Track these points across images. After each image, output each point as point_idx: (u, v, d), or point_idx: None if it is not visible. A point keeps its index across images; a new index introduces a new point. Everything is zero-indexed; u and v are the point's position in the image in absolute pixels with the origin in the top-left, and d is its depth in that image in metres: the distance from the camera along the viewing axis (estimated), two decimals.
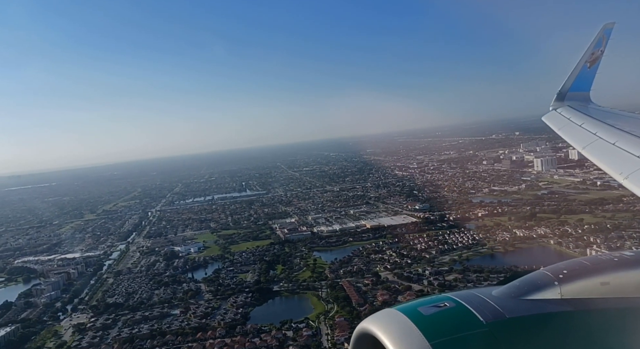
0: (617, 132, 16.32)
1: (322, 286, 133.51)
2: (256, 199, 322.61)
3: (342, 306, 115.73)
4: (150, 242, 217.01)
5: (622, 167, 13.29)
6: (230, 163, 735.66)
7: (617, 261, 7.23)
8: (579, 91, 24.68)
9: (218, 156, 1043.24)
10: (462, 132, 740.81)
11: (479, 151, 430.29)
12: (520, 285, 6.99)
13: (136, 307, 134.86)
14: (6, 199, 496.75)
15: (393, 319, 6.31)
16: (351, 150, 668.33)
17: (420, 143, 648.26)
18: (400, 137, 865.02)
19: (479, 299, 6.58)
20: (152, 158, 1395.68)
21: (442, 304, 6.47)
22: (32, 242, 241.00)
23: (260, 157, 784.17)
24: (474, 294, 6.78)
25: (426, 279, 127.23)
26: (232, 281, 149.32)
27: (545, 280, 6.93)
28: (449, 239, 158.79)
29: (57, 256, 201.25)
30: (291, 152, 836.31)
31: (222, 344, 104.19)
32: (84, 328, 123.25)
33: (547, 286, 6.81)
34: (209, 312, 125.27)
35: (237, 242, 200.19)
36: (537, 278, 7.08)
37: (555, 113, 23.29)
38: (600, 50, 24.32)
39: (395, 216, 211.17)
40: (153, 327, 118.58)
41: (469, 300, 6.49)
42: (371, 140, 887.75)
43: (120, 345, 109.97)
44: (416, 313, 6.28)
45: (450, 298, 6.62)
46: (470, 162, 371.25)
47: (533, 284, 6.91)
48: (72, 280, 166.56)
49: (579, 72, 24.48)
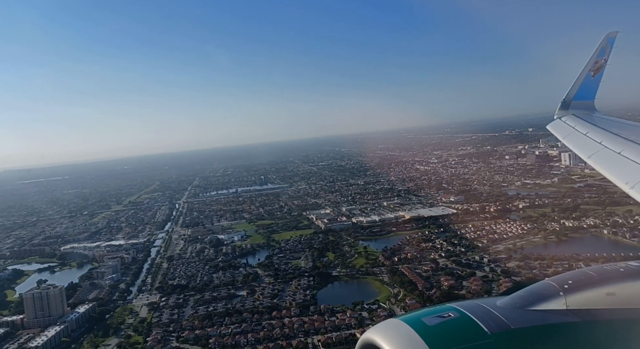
0: (623, 141, 16.30)
1: (382, 272, 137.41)
2: (281, 191, 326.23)
3: (410, 290, 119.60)
4: (190, 231, 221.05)
5: (628, 177, 13.18)
6: (240, 158, 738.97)
7: (622, 271, 7.19)
8: (583, 99, 24.69)
9: (226, 152, 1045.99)
10: (472, 129, 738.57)
11: (497, 147, 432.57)
12: (525, 295, 6.97)
13: (201, 288, 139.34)
14: (24, 191, 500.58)
15: (397, 330, 6.36)
16: (361, 146, 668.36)
17: (432, 139, 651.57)
18: (407, 134, 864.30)
19: (484, 309, 6.58)
20: (159, 154, 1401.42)
21: (446, 314, 6.48)
22: (71, 230, 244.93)
23: (270, 153, 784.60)
24: (478, 304, 6.79)
25: (487, 266, 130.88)
26: (287, 266, 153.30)
27: (550, 290, 6.90)
28: (497, 229, 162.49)
29: (103, 243, 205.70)
30: (300, 148, 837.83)
31: (301, 322, 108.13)
32: (158, 307, 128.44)
33: (553, 296, 6.79)
34: (276, 293, 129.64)
35: (278, 231, 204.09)
36: (542, 288, 7.07)
37: (560, 122, 23.24)
38: (604, 59, 24.33)
39: (432, 207, 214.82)
40: (227, 306, 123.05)
41: (473, 310, 6.49)
42: (379, 137, 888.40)
43: (200, 321, 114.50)
44: (420, 323, 6.30)
45: (454, 308, 6.61)
46: (491, 157, 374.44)
47: (538, 295, 6.91)
48: (126, 264, 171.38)
49: (583, 80, 24.44)
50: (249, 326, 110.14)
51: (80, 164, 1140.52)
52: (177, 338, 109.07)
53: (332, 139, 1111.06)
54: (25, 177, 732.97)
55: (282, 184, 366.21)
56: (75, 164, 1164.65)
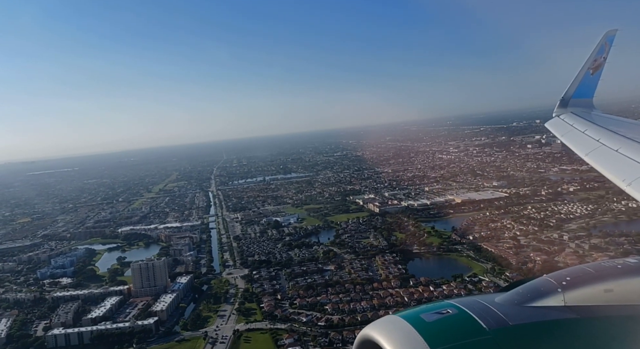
0: (620, 138, 16.35)
1: (463, 249, 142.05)
2: (310, 179, 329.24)
3: (504, 265, 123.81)
4: (240, 214, 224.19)
5: (625, 174, 13.22)
6: (247, 150, 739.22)
7: (620, 268, 7.21)
8: (582, 97, 24.58)
9: (228, 145, 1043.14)
10: (475, 121, 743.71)
11: (512, 137, 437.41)
12: (524, 292, 7.00)
13: (285, 264, 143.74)
14: (40, 182, 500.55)
15: (395, 326, 6.37)
16: (367, 138, 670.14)
17: (438, 132, 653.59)
18: (409, 127, 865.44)
19: (482, 305, 6.61)
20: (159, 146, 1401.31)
21: (444, 310, 6.49)
22: (117, 215, 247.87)
23: (276, 146, 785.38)
24: (476, 300, 6.81)
25: (573, 242, 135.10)
26: (359, 244, 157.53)
27: (548, 287, 6.93)
28: (562, 210, 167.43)
29: (159, 225, 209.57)
30: (303, 141, 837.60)
31: (410, 292, 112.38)
32: (252, 279, 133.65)
33: (551, 293, 6.81)
34: (366, 267, 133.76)
35: (330, 214, 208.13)
36: (541, 284, 7.08)
37: (559, 119, 23.21)
38: (603, 57, 24.26)
39: (481, 191, 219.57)
40: (325, 278, 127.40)
41: (471, 307, 6.51)
42: (380, 129, 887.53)
43: (304, 291, 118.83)
44: (418, 320, 6.31)
45: (452, 305, 6.62)
46: (511, 146, 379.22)
47: (536, 291, 6.93)
48: (195, 243, 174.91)
49: (582, 78, 24.34)
50: (357, 295, 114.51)
51: (82, 157, 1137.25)
52: (290, 305, 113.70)
53: (333, 132, 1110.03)
54: (31, 169, 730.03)
55: (307, 173, 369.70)
56: (77, 157, 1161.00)
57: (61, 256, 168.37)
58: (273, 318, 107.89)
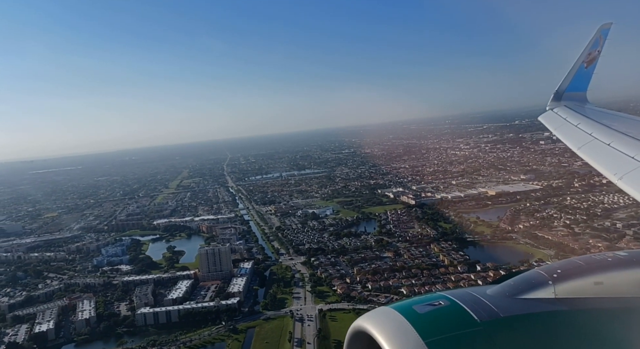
0: (613, 132, 16.40)
1: (518, 237, 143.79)
2: (327, 175, 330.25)
3: (567, 251, 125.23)
4: (272, 207, 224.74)
5: (616, 168, 13.23)
6: (250, 149, 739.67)
7: (610, 261, 7.30)
8: (576, 91, 24.58)
9: (227, 144, 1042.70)
10: (475, 120, 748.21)
11: (520, 134, 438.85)
12: (515, 284, 7.08)
13: (340, 251, 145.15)
14: (48, 180, 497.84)
15: (388, 318, 6.41)
16: (370, 136, 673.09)
17: (441, 130, 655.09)
18: (409, 126, 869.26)
19: (474, 298, 6.67)
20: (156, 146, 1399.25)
21: (437, 302, 6.56)
22: (146, 209, 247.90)
23: (279, 144, 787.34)
24: (468, 293, 6.89)
25: (629, 229, 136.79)
26: (406, 233, 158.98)
27: (539, 279, 7.01)
28: (604, 201, 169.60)
29: (195, 218, 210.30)
30: (306, 139, 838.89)
31: (481, 276, 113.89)
32: (312, 265, 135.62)
33: (542, 285, 6.89)
34: (425, 254, 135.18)
35: (364, 207, 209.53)
36: (532, 277, 7.16)
37: (552, 113, 23.20)
38: (597, 50, 24.21)
39: (511, 184, 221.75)
40: (388, 264, 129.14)
41: (463, 299, 6.59)
42: (380, 128, 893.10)
43: (372, 275, 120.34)
44: (411, 312, 6.36)
45: (445, 297, 6.70)
46: (522, 142, 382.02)
47: (528, 284, 7.01)
48: (239, 234, 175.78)
49: (576, 72, 24.36)
50: (428, 279, 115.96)
51: (81, 156, 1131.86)
52: (362, 288, 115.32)
53: (332, 130, 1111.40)
54: (32, 168, 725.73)
55: (322, 169, 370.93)
56: (74, 156, 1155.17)
57: (110, 246, 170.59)
58: (351, 299, 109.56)
